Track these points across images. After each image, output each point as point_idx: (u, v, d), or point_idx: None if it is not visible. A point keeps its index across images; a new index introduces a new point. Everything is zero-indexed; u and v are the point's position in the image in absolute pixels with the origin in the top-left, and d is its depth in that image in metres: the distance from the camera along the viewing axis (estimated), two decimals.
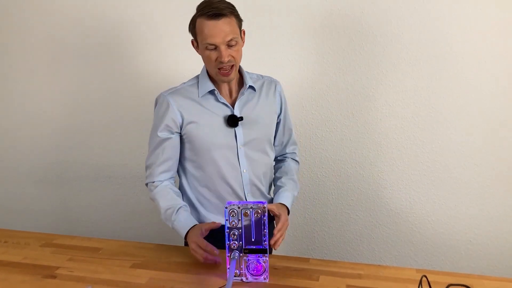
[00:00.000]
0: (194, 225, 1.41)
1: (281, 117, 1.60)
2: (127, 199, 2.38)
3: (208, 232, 1.39)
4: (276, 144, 1.63)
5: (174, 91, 1.50)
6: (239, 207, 1.22)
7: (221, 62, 1.36)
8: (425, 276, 1.18)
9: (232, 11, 1.37)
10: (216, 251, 1.32)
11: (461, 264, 2.09)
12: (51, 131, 2.40)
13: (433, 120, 1.98)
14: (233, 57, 1.38)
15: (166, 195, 1.48)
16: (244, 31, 1.45)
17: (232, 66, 1.40)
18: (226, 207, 1.22)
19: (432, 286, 1.15)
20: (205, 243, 1.33)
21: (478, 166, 1.99)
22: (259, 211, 1.22)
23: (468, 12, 1.86)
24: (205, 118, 1.46)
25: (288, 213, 1.47)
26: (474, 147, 1.97)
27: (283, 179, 1.58)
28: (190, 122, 1.46)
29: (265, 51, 2.04)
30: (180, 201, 1.47)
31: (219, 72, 1.40)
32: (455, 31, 1.89)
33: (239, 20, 1.41)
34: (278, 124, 1.60)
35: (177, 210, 1.43)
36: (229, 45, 1.36)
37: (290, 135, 1.66)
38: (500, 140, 1.95)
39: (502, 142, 1.95)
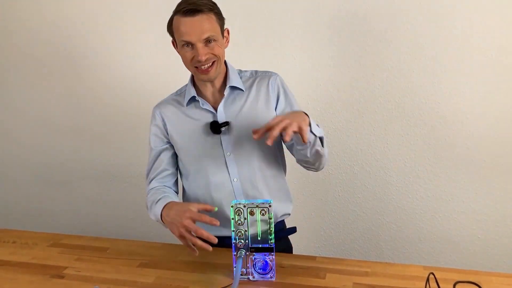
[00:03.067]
0: (167, 204, 1.28)
1: (280, 109, 1.41)
2: (133, 198, 2.39)
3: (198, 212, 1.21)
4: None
5: (161, 101, 1.49)
6: (244, 206, 1.22)
7: (198, 61, 1.29)
8: (433, 273, 1.18)
9: (211, 8, 1.28)
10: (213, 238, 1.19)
11: (468, 260, 2.07)
12: (56, 132, 2.42)
13: (439, 117, 1.97)
14: (213, 54, 1.30)
15: (153, 194, 1.42)
16: (228, 30, 1.36)
17: (213, 62, 1.32)
18: (232, 206, 1.22)
19: (439, 283, 1.15)
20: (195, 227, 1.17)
21: (485, 163, 1.97)
22: (265, 210, 1.22)
23: (474, 7, 1.85)
24: (188, 127, 1.41)
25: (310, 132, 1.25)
26: (481, 144, 1.96)
27: None
28: (173, 133, 1.44)
29: (269, 50, 2.03)
30: (160, 196, 1.36)
31: (197, 70, 1.32)
32: (461, 27, 1.87)
33: (220, 18, 1.32)
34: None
35: (156, 202, 1.35)
36: (207, 43, 1.28)
37: None
38: (507, 136, 1.93)
39: (509, 138, 1.93)
